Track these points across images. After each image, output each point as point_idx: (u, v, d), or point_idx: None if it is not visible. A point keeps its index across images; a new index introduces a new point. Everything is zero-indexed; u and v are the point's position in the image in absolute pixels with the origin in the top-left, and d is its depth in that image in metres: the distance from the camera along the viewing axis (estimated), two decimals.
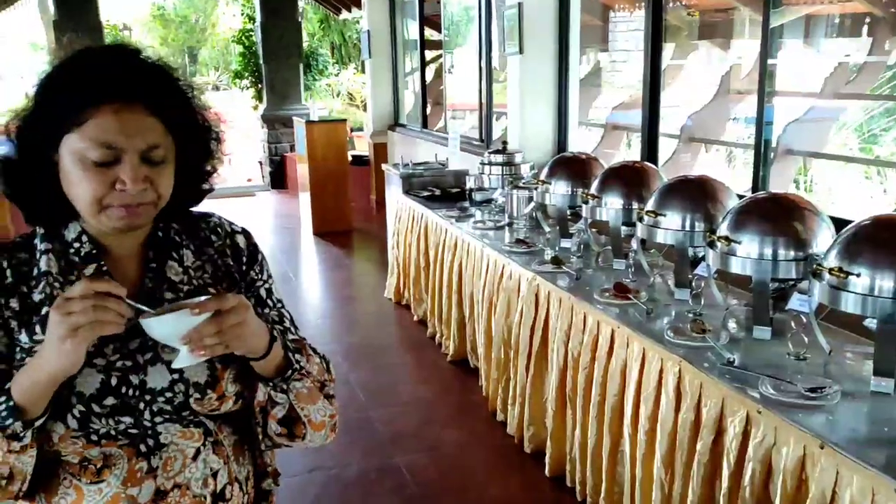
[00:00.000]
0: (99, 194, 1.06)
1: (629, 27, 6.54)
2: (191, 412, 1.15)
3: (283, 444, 1.25)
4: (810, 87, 5.08)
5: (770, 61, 3.31)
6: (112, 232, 1.12)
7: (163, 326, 1.02)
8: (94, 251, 1.14)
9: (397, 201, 5.45)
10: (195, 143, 1.18)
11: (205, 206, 1.28)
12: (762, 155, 3.37)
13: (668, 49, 5.52)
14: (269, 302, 1.29)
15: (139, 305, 1.04)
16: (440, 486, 3.17)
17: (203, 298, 1.07)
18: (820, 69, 5.18)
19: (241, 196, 10.54)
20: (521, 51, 4.90)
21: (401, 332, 5.09)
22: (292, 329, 1.29)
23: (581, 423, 2.82)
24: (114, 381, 1.09)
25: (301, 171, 8.27)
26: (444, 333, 4.48)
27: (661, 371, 2.32)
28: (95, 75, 1.07)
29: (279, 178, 10.96)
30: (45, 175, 1.09)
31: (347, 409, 3.78)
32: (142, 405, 1.11)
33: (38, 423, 1.04)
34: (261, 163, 11.53)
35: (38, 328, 1.08)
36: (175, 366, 1.05)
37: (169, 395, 1.12)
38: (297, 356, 1.21)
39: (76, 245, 1.14)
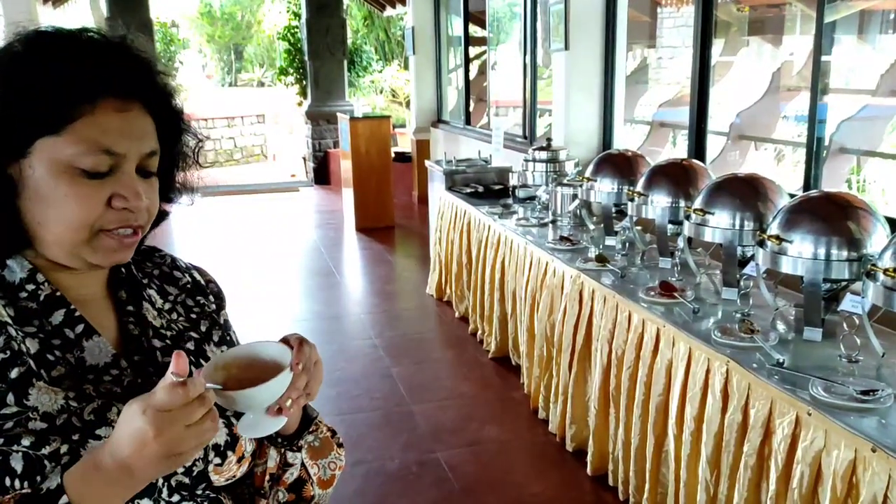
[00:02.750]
0: (92, 215, 0.84)
1: (677, 23, 6.46)
2: (207, 485, 0.94)
3: None
4: (865, 85, 4.96)
5: (823, 58, 3.24)
6: (88, 268, 0.89)
7: (262, 394, 0.84)
8: (58, 293, 0.90)
9: (440, 198, 5.46)
10: (177, 152, 0.99)
11: (246, 202, 1.07)
12: (814, 153, 3.30)
13: (717, 45, 5.44)
14: None
15: (217, 387, 0.82)
16: (480, 481, 3.17)
17: (278, 347, 0.90)
18: (875, 66, 5.06)
19: (285, 191, 10.71)
20: (566, 47, 4.88)
21: (442, 328, 5.11)
22: None
23: (625, 423, 2.80)
24: None
25: (344, 167, 8.35)
26: (485, 330, 4.48)
27: (707, 371, 2.29)
28: (91, 62, 0.84)
29: (322, 173, 11.07)
30: None
31: (389, 403, 3.82)
32: (160, 481, 0.88)
33: None
34: (304, 158, 11.66)
35: (10, 398, 0.81)
36: (253, 436, 0.91)
37: (188, 463, 0.90)
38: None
39: (29, 287, 0.88)
